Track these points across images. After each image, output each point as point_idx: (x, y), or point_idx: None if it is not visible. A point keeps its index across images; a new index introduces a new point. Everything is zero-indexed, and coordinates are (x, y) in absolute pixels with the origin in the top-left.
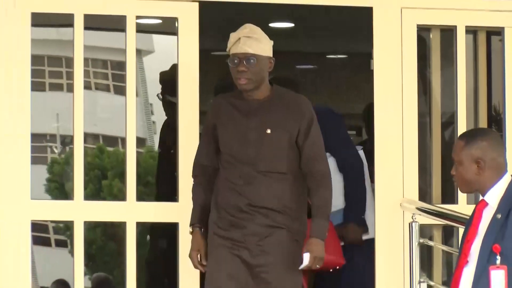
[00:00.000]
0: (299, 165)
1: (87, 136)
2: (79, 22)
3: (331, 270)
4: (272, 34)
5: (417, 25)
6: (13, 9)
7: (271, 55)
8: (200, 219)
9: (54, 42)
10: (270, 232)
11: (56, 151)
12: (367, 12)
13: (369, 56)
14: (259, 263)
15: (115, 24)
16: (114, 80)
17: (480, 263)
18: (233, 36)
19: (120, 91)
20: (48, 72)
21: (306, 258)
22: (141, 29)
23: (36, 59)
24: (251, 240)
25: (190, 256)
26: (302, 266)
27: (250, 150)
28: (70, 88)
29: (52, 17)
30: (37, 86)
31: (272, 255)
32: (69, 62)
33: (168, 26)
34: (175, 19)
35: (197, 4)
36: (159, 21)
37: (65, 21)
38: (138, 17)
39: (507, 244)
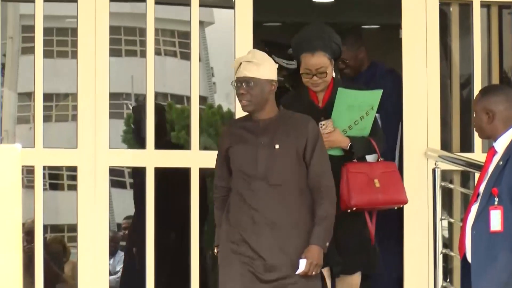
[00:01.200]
0: (307, 180)
1: (157, 95)
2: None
3: (396, 208)
4: (316, 8)
5: (439, 1)
6: None
7: (274, 78)
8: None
9: (129, 14)
10: (281, 247)
11: (130, 107)
12: None
13: (398, 27)
14: (272, 278)
15: None
16: (181, 47)
17: (482, 202)
18: (236, 61)
19: (186, 56)
20: (124, 40)
21: (302, 264)
22: (203, 3)
23: (114, 29)
24: (263, 255)
25: None
26: (298, 272)
27: (260, 165)
28: (143, 54)
29: None
30: (114, 53)
31: (284, 271)
32: (142, 32)
33: (227, 1)
34: None
35: None
36: None
37: None
38: None
39: (503, 188)
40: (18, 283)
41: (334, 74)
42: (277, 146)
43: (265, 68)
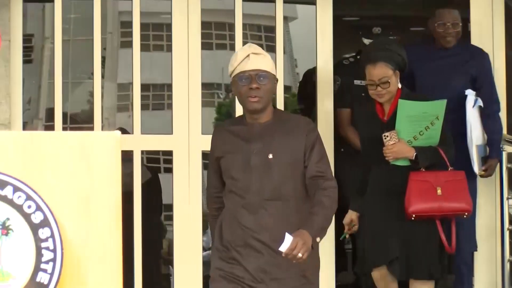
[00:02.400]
0: (306, 188)
1: None
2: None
3: (465, 217)
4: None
5: None
6: None
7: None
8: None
9: (219, 11)
10: (275, 270)
11: (221, 96)
12: None
13: (467, 20)
14: None
15: None
16: (266, 41)
17: None
18: (240, 54)
19: (271, 49)
20: (215, 34)
21: (288, 239)
22: (287, 0)
23: (205, 25)
24: (256, 276)
25: None
26: (281, 248)
27: (253, 177)
28: (232, 47)
29: None
30: (206, 46)
31: None
32: (231, 26)
33: None
34: None
35: None
36: None
37: None
38: None
39: None
40: (119, 263)
41: (400, 86)
42: (270, 156)
43: (272, 62)
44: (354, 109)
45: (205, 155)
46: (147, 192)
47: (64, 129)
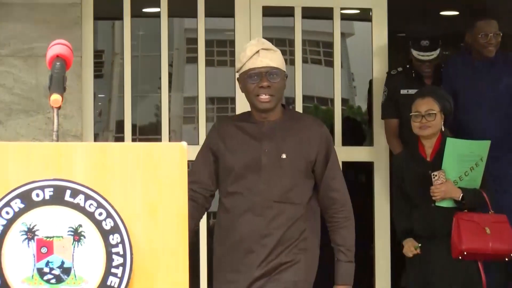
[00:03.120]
0: (317, 197)
1: (304, 98)
2: (298, 13)
3: (506, 260)
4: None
5: None
6: (248, 4)
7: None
8: None
9: (280, 28)
10: (279, 276)
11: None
12: None
13: None
14: None
15: (325, 13)
16: (325, 56)
17: None
18: (249, 49)
19: (329, 64)
20: None
21: None
22: (344, 17)
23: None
24: (260, 285)
25: None
26: None
27: (262, 177)
28: (292, 62)
29: (277, 9)
30: None
31: None
32: (291, 42)
33: (365, 15)
34: (369, 10)
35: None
36: (357, 11)
37: (288, 12)
38: (342, 8)
39: None
40: (185, 268)
41: (443, 129)
42: (284, 156)
43: (282, 58)
44: (402, 152)
45: None
46: None
47: (133, 140)
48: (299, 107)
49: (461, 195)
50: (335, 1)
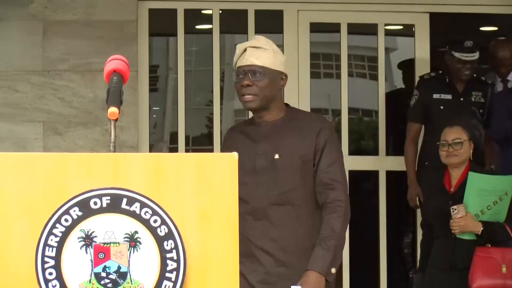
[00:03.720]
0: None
1: (350, 109)
2: (344, 29)
3: None
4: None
5: None
6: (296, 21)
7: (284, 71)
8: None
9: (326, 43)
10: (281, 282)
11: (329, 120)
12: None
13: None
14: None
15: (370, 29)
16: (369, 70)
17: None
18: (238, 48)
19: (374, 77)
20: (322, 65)
21: None
22: (388, 32)
23: (313, 56)
24: None
25: None
26: None
27: (259, 180)
28: (338, 76)
29: (324, 25)
30: (314, 75)
31: None
32: (337, 57)
33: (407, 30)
34: (412, 25)
35: (428, 14)
36: (401, 27)
37: (334, 28)
38: (386, 24)
39: None
40: (236, 274)
41: (471, 158)
42: (277, 156)
43: (277, 57)
44: (427, 183)
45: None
46: None
47: (187, 150)
48: (344, 118)
49: (482, 229)
50: (379, 17)
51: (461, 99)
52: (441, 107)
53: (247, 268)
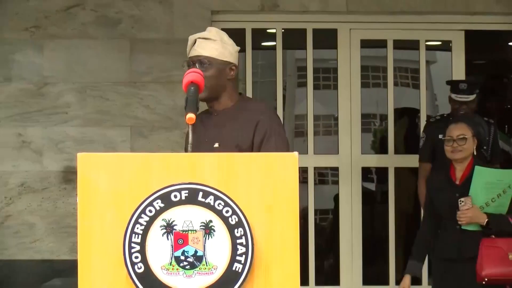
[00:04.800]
0: None
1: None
2: (390, 45)
3: None
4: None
5: None
6: (349, 38)
7: (234, 61)
8: None
9: (374, 57)
10: None
11: (376, 124)
12: None
13: None
14: None
15: (412, 44)
16: (412, 80)
17: None
18: (190, 39)
19: (416, 86)
20: (371, 76)
21: None
22: (428, 47)
23: (363, 68)
24: None
25: None
26: None
27: None
28: (385, 85)
29: (373, 42)
30: (364, 85)
31: None
32: (384, 69)
33: (446, 45)
34: (449, 41)
35: (463, 32)
36: (439, 42)
37: (381, 44)
38: (426, 40)
39: None
40: (296, 258)
41: (475, 153)
42: (216, 145)
43: (226, 48)
44: (433, 172)
45: (364, 169)
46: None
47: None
48: (391, 122)
49: (486, 220)
50: (420, 34)
51: None
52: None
53: None
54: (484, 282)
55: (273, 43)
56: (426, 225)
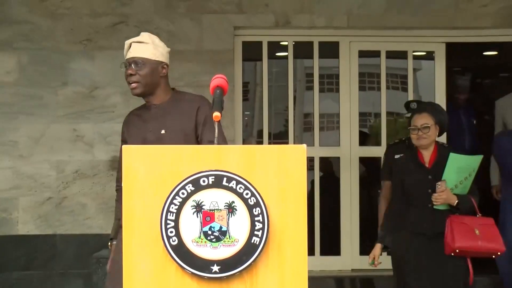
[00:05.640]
0: None
1: (388, 113)
2: (383, 55)
3: (493, 257)
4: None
5: None
6: (349, 49)
7: (165, 60)
8: (116, 234)
9: (370, 65)
10: None
11: (371, 121)
12: None
13: None
14: None
15: (401, 54)
16: (401, 84)
17: None
18: (126, 43)
19: (405, 90)
20: (367, 80)
21: None
22: (415, 57)
23: (361, 74)
24: None
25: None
26: None
27: None
28: (378, 89)
29: (369, 52)
30: (361, 88)
31: None
32: (378, 75)
33: (429, 55)
34: (433, 52)
35: (444, 44)
36: (424, 52)
37: (376, 54)
38: (413, 51)
39: None
40: (304, 234)
41: (436, 139)
42: (163, 132)
43: (155, 49)
44: (404, 157)
45: (361, 159)
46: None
47: (269, 143)
48: (383, 119)
49: (457, 201)
50: (408, 46)
51: None
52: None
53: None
54: (453, 254)
55: (285, 54)
56: (397, 203)
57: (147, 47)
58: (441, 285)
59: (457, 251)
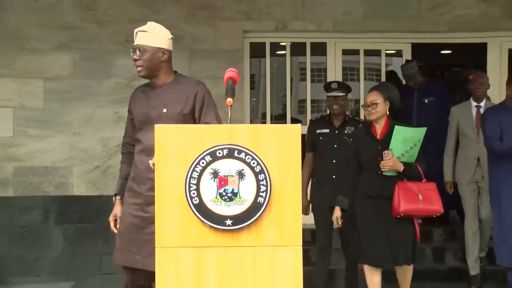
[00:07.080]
0: None
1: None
2: (362, 53)
3: (434, 216)
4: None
5: None
6: (334, 48)
7: (165, 47)
8: (120, 190)
9: (351, 61)
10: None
11: (352, 106)
12: None
13: None
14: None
15: (376, 53)
16: (376, 76)
17: None
18: (134, 32)
19: (379, 81)
20: (349, 73)
21: None
22: (387, 54)
23: (344, 68)
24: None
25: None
26: None
27: (152, 127)
28: (358, 80)
29: (351, 51)
30: (344, 80)
31: None
32: (357, 69)
33: (398, 53)
34: (401, 51)
35: (410, 44)
36: (394, 51)
37: (356, 52)
38: (386, 49)
39: None
40: (298, 196)
41: (387, 113)
42: (164, 110)
43: (159, 37)
44: (360, 130)
45: None
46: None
47: (271, 123)
48: (361, 105)
49: (403, 168)
50: (381, 45)
51: (336, 131)
52: (321, 138)
53: (136, 184)
54: (399, 216)
55: (284, 52)
56: (354, 169)
57: (148, 35)
58: (394, 242)
59: (402, 214)
